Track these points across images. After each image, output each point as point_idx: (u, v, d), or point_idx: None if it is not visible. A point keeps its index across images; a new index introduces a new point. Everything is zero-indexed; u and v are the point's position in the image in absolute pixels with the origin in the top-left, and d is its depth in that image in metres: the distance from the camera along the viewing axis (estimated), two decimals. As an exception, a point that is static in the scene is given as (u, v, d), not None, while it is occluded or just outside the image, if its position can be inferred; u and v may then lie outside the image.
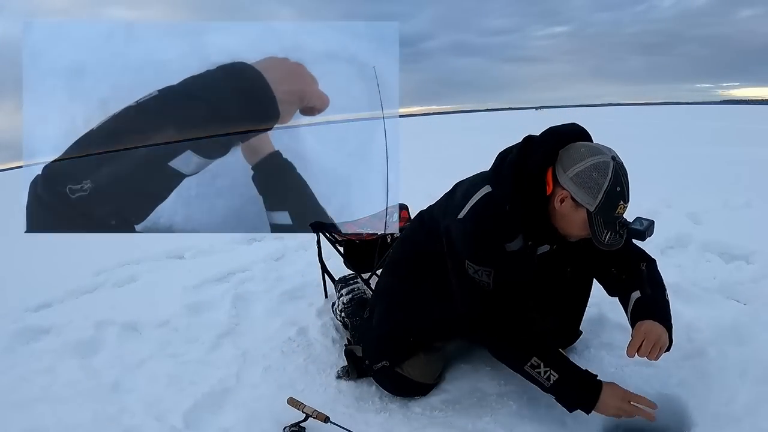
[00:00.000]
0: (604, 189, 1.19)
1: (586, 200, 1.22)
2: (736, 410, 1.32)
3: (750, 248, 2.50)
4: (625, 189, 1.22)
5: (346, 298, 1.98)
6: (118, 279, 2.97)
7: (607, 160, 1.20)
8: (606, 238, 1.24)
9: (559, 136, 1.29)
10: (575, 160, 1.23)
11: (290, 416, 1.47)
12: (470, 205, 1.34)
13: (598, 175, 1.19)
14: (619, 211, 1.22)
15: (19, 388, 1.77)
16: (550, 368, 1.30)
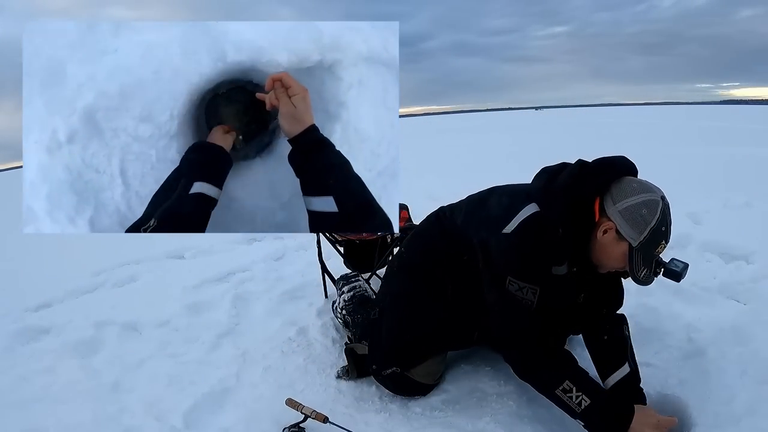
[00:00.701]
0: (651, 226, 1.21)
1: (631, 234, 1.22)
2: (736, 410, 1.32)
3: (750, 248, 2.50)
4: (669, 230, 1.24)
5: (348, 296, 1.98)
6: (118, 279, 2.97)
7: (657, 199, 1.22)
8: (641, 275, 1.25)
9: (613, 168, 1.29)
10: (627, 194, 1.23)
11: (290, 416, 1.47)
12: (518, 221, 1.29)
13: (648, 212, 1.21)
14: (659, 250, 1.24)
15: (19, 388, 1.77)
16: (582, 393, 1.27)
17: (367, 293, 2.00)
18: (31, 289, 2.85)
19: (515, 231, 1.28)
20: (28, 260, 3.78)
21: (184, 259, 3.31)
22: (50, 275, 3.14)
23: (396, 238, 2.20)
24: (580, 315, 1.50)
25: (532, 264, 1.30)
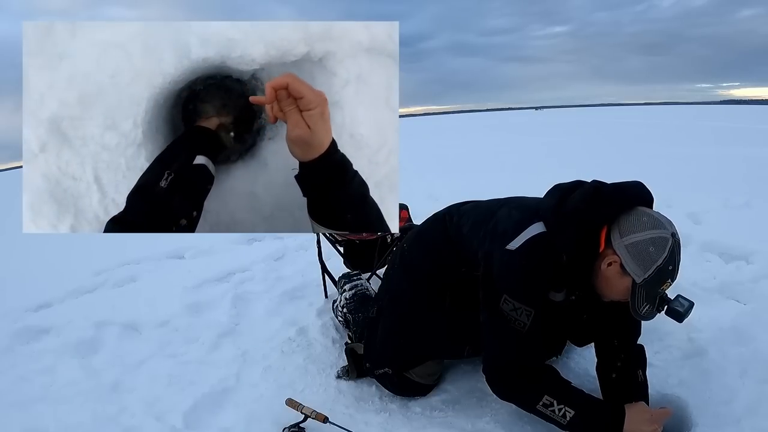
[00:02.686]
0: (657, 265, 1.16)
1: (635, 271, 1.18)
2: (736, 410, 1.32)
3: (750, 248, 2.50)
4: (677, 268, 1.19)
5: (349, 294, 1.98)
6: (118, 279, 2.97)
7: (667, 237, 1.16)
8: (643, 311, 1.21)
9: (626, 197, 1.23)
10: (635, 229, 1.18)
11: (290, 416, 1.47)
12: (523, 239, 1.26)
13: (655, 250, 1.16)
14: (664, 288, 1.20)
15: (19, 388, 1.78)
16: (565, 405, 1.27)
17: (369, 292, 2.00)
18: (31, 289, 2.85)
19: (519, 249, 1.25)
20: (28, 260, 3.78)
21: (184, 259, 3.31)
22: (50, 275, 3.14)
23: (396, 238, 2.20)
24: (583, 335, 1.48)
25: (531, 285, 1.27)
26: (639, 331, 1.45)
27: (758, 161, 5.71)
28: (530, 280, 1.27)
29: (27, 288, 2.89)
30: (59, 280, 2.94)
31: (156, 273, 3.05)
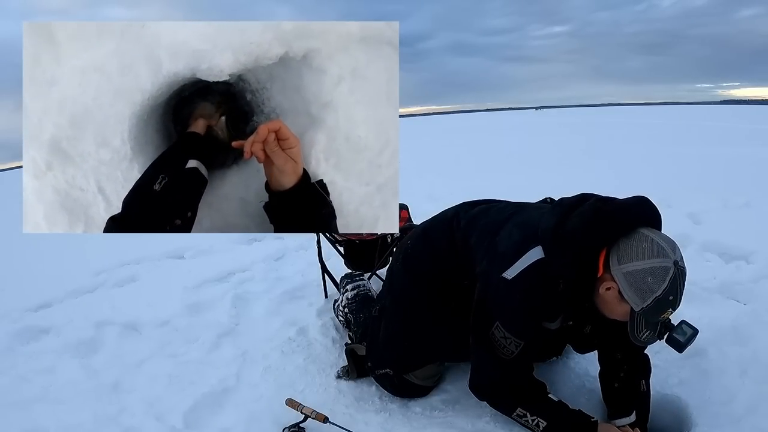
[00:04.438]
0: (656, 296, 1.11)
1: (633, 300, 1.15)
2: (736, 410, 1.32)
3: (750, 248, 2.50)
4: (678, 297, 1.14)
5: (351, 294, 1.98)
6: (118, 279, 2.97)
7: (668, 266, 1.11)
8: (643, 336, 1.18)
9: (627, 219, 1.18)
10: (633, 256, 1.13)
11: (290, 416, 1.47)
12: (521, 267, 1.23)
13: (654, 281, 1.11)
14: (664, 316, 1.16)
15: (19, 388, 1.77)
16: (537, 416, 1.30)
17: (371, 293, 2.00)
18: (31, 289, 2.85)
19: (515, 279, 1.23)
20: (28, 260, 3.78)
21: (184, 259, 3.31)
22: (50, 275, 3.14)
23: (396, 238, 2.19)
24: (585, 345, 1.48)
25: (523, 319, 1.27)
26: (642, 360, 1.43)
27: (758, 161, 5.70)
28: (522, 315, 1.26)
29: (27, 288, 2.89)
30: (59, 280, 2.94)
31: (156, 273, 3.05)
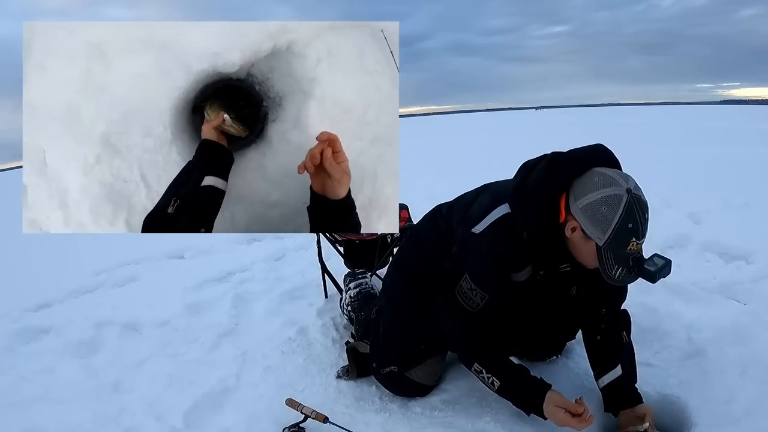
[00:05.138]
0: (614, 225, 1.13)
1: (595, 234, 1.16)
2: (736, 410, 1.32)
3: (750, 248, 2.50)
4: (640, 225, 1.14)
5: (354, 292, 1.98)
6: (118, 279, 2.97)
7: (621, 193, 1.13)
8: (616, 274, 1.18)
9: (580, 161, 1.22)
10: (587, 190, 1.17)
11: (290, 416, 1.48)
12: (488, 222, 1.30)
13: (608, 209, 1.13)
14: (632, 248, 1.15)
15: (19, 388, 1.78)
16: (492, 375, 1.35)
17: (373, 290, 2.02)
18: (31, 289, 2.85)
19: (482, 232, 1.29)
20: (28, 260, 3.78)
21: (184, 259, 3.31)
22: (50, 275, 3.14)
23: (396, 238, 2.20)
24: (576, 309, 1.49)
25: (490, 271, 1.30)
26: (624, 296, 1.49)
27: (758, 161, 5.70)
28: (488, 267, 1.30)
29: (27, 288, 2.89)
30: (59, 280, 2.94)
31: (156, 273, 3.05)
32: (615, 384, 1.39)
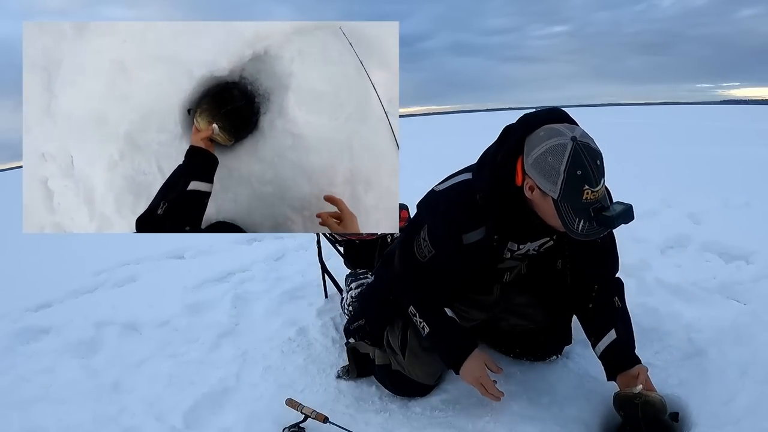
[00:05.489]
0: (562, 174, 1.10)
1: (548, 188, 1.14)
2: (736, 410, 1.32)
3: (750, 248, 2.49)
4: (591, 172, 1.09)
5: (355, 292, 1.98)
6: (118, 279, 2.97)
7: (565, 142, 1.10)
8: (579, 227, 1.13)
9: (530, 122, 1.22)
10: (534, 145, 1.16)
11: (290, 416, 1.47)
12: (449, 184, 1.37)
13: (554, 159, 1.11)
14: (588, 197, 1.10)
15: (19, 388, 1.78)
16: (424, 321, 1.44)
17: None
18: (31, 289, 2.85)
19: (442, 191, 1.37)
20: (28, 260, 3.78)
21: (184, 259, 3.31)
22: (50, 275, 3.14)
23: (396, 238, 2.19)
24: (562, 283, 1.48)
25: (439, 227, 1.36)
26: (614, 266, 1.47)
27: (758, 161, 5.70)
28: (438, 223, 1.36)
29: (27, 288, 2.89)
30: (59, 280, 2.94)
31: (156, 273, 3.05)
32: (610, 348, 1.38)
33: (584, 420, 1.41)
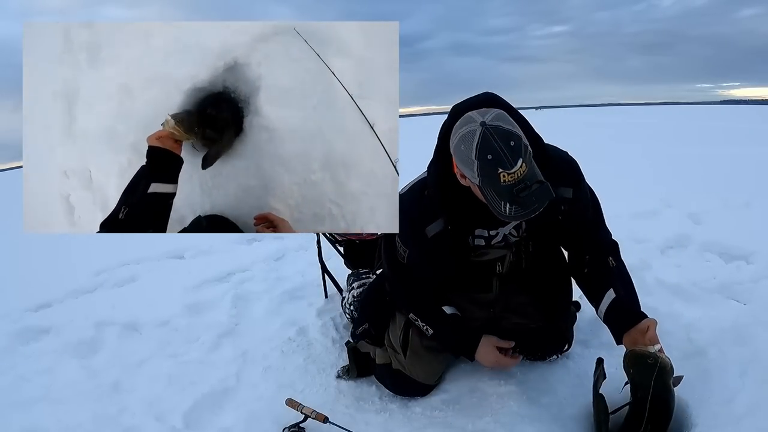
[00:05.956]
0: (476, 161, 1.09)
1: (470, 175, 1.13)
2: (736, 410, 1.32)
3: (750, 248, 2.49)
4: (502, 154, 1.07)
5: (357, 292, 1.98)
6: (118, 279, 2.97)
7: (474, 128, 1.10)
8: (506, 210, 1.11)
9: (454, 111, 1.22)
10: (453, 135, 1.16)
11: (290, 416, 1.48)
12: (410, 184, 1.44)
13: (466, 147, 1.11)
14: (506, 180, 1.08)
15: (19, 388, 1.78)
16: (426, 324, 1.49)
17: None
18: (31, 289, 2.85)
19: (402, 193, 1.42)
20: (28, 260, 3.78)
21: (184, 259, 3.32)
22: (50, 275, 3.14)
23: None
24: (539, 261, 1.49)
25: (404, 227, 1.39)
26: (602, 230, 1.45)
27: (758, 161, 5.69)
28: (403, 223, 1.39)
29: (27, 288, 2.89)
30: (59, 280, 2.94)
31: (156, 273, 3.06)
32: (611, 308, 1.34)
33: (584, 420, 1.40)
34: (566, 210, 1.35)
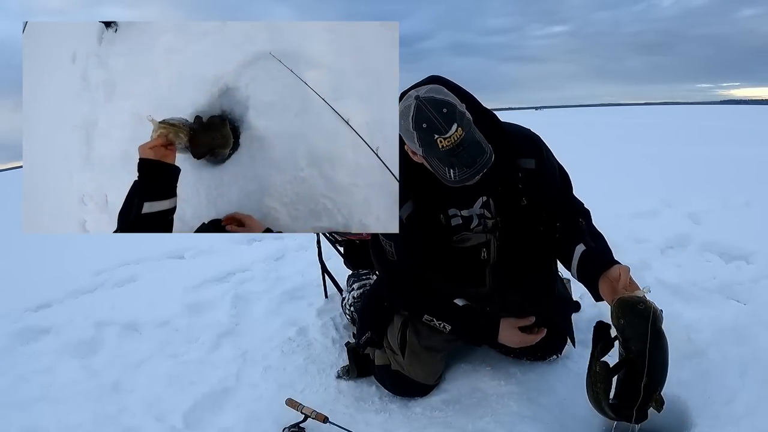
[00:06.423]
0: (414, 132, 1.15)
1: (414, 147, 1.19)
2: (736, 410, 1.32)
3: (750, 248, 2.50)
4: (436, 120, 1.12)
5: (357, 293, 1.99)
6: (118, 279, 2.97)
7: (409, 103, 1.15)
8: (451, 175, 1.16)
9: (402, 94, 1.26)
10: (399, 114, 1.21)
11: (290, 416, 1.48)
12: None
13: (405, 121, 1.16)
14: (443, 145, 1.12)
15: (19, 388, 1.78)
16: (443, 321, 1.49)
17: None
18: (31, 289, 2.85)
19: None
20: (28, 260, 3.78)
21: (184, 259, 3.32)
22: (50, 275, 3.14)
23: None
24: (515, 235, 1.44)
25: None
26: (572, 200, 1.48)
27: (758, 161, 5.70)
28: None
29: (27, 288, 2.89)
30: (59, 280, 2.94)
31: (156, 273, 3.06)
32: (582, 262, 1.33)
33: (584, 420, 1.41)
34: (529, 180, 1.36)
